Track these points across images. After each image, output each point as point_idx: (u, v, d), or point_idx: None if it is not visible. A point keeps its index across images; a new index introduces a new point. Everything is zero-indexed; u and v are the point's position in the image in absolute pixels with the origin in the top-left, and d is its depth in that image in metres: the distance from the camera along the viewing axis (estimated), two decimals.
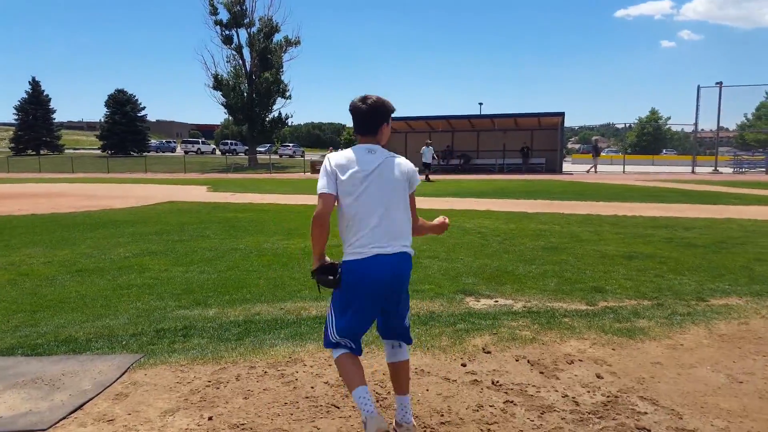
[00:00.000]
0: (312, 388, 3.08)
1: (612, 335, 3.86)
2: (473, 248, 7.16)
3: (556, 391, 3.01)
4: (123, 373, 3.29)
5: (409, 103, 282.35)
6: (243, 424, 2.67)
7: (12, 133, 65.42)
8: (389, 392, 2.93)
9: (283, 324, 4.16)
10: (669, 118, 74.27)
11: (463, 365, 3.36)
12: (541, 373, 3.25)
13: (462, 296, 4.87)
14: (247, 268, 6.19)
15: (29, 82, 63.38)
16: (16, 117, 63.06)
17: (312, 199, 15.06)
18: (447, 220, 2.71)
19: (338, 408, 2.85)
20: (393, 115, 2.55)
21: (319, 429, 2.65)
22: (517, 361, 3.43)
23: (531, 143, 32.10)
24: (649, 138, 71.99)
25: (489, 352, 3.56)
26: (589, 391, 3.00)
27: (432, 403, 2.88)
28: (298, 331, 3.99)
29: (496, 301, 4.73)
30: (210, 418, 2.74)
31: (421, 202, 12.51)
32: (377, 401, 2.88)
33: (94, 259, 6.83)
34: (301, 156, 57.08)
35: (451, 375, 3.23)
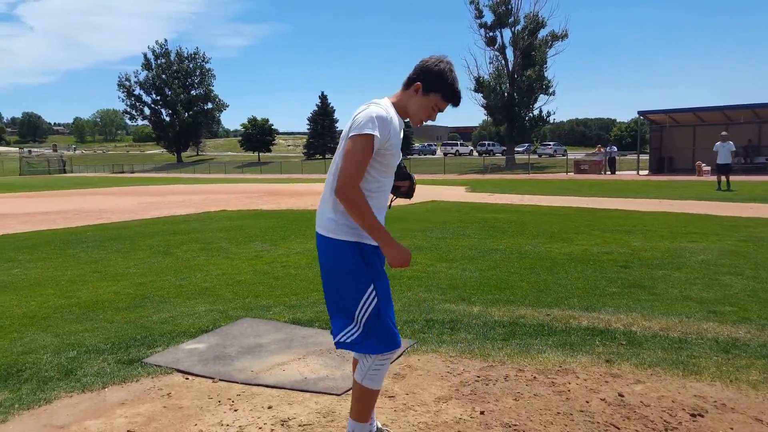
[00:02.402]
0: (587, 402, 2.86)
1: None
2: None
3: None
4: (399, 356, 3.55)
5: (693, 92, 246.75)
6: (515, 425, 2.61)
7: (305, 140, 78.51)
8: None
9: (550, 331, 3.98)
10: None
11: None
12: None
13: None
14: (508, 269, 6.15)
15: (319, 96, 75.54)
16: (309, 127, 75.44)
17: (567, 201, 14.35)
18: None
19: (618, 429, 2.58)
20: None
21: None
22: None
23: None
24: None
25: None
26: None
27: None
28: (567, 340, 3.77)
29: None
30: (482, 413, 2.75)
31: (714, 208, 10.72)
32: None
33: None
34: (563, 155, 54.56)
35: (764, 416, 2.64)
